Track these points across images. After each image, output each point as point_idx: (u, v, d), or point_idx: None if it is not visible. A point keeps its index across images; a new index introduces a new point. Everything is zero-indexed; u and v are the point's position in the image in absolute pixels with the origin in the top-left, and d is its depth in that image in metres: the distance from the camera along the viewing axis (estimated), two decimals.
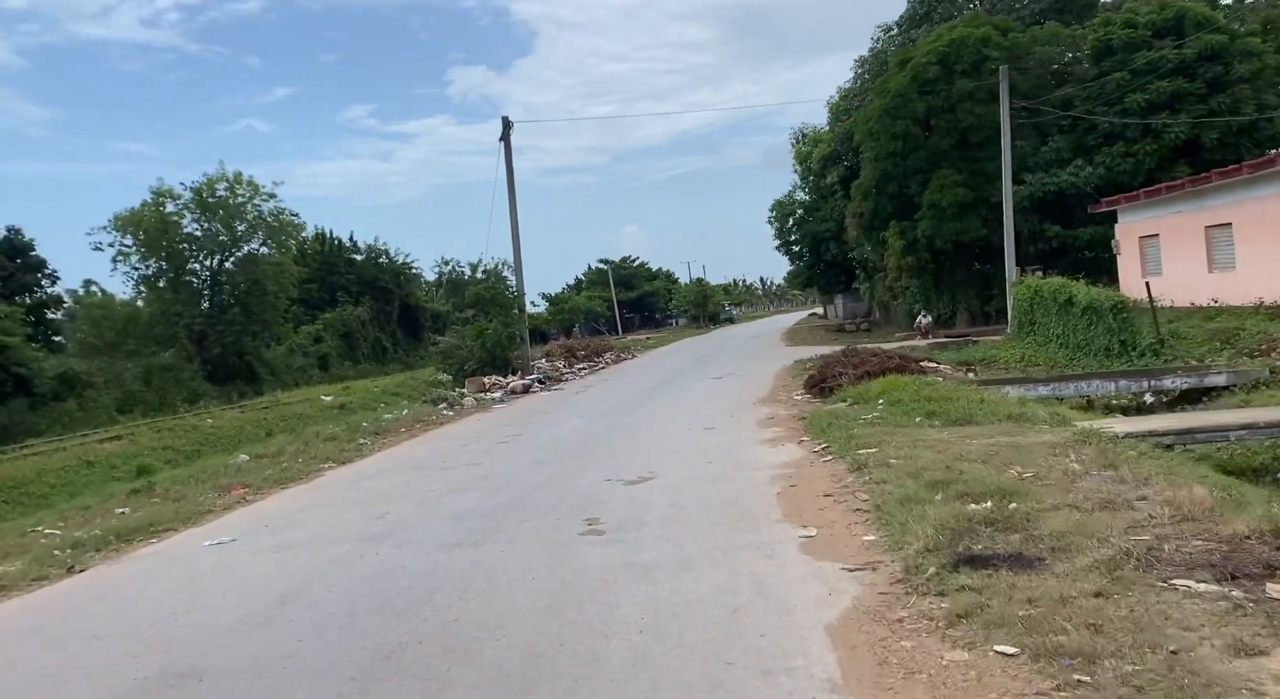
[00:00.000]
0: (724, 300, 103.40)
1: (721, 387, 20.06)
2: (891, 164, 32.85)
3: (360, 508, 9.20)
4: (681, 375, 24.76)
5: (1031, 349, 22.99)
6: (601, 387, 23.78)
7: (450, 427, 16.87)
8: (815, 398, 15.63)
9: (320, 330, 48.55)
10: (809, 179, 54.56)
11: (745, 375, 22.62)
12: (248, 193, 40.79)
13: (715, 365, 27.55)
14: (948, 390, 12.61)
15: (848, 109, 49.13)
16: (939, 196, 31.22)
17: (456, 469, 11.28)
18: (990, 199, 31.23)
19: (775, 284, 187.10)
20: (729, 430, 12.73)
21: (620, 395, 20.00)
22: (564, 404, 19.39)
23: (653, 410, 16.39)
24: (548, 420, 16.21)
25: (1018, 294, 25.28)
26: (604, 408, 17.48)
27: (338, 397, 30.13)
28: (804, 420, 12.89)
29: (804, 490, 8.12)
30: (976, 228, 31.30)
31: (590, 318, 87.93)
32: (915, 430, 10.55)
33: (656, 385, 21.78)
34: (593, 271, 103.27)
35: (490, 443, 13.67)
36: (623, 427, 14.20)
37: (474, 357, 28.40)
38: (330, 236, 55.53)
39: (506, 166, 28.76)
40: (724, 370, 24.68)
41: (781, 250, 58.49)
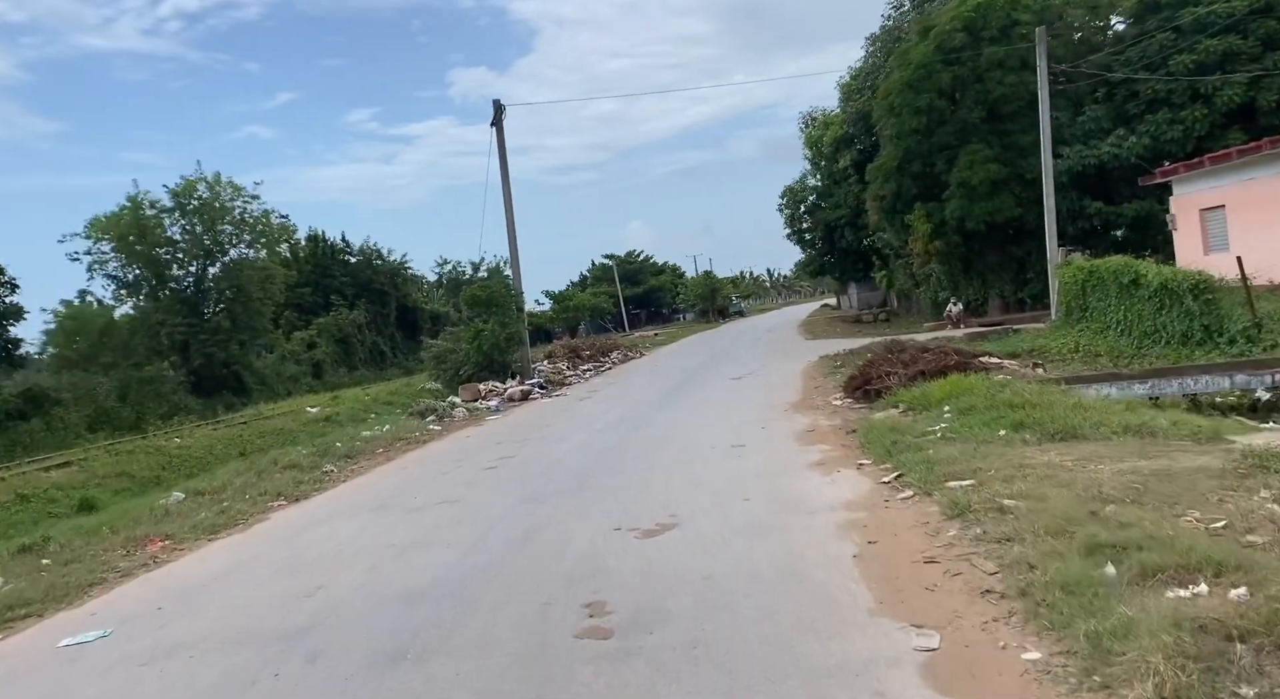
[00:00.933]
0: (732, 293, 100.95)
1: (743, 389, 17.76)
2: (915, 141, 30.41)
3: (290, 577, 6.94)
4: (696, 376, 22.46)
5: (1086, 337, 20.58)
6: (608, 391, 21.51)
7: (434, 446, 14.60)
8: (859, 403, 13.32)
9: (314, 336, 46.42)
10: (820, 164, 52.11)
11: (767, 375, 20.31)
12: (230, 194, 38.58)
13: (731, 363, 25.24)
14: (1031, 394, 10.28)
15: (860, 88, 46.70)
16: (969, 174, 28.79)
17: (427, 510, 9.01)
18: (1025, 175, 28.77)
19: (783, 275, 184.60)
20: (763, 448, 10.43)
21: (629, 402, 17.73)
22: (566, 414, 17.12)
23: (667, 421, 14.10)
24: (546, 436, 13.94)
25: (1064, 277, 22.85)
26: (611, 418, 15.20)
27: (325, 408, 27.94)
28: (855, 433, 10.59)
29: (891, 549, 5.82)
30: (1010, 207, 28.85)
31: (596, 315, 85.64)
32: (1007, 449, 8.24)
33: (669, 389, 19.49)
34: (598, 267, 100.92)
35: (475, 469, 11.40)
36: (633, 444, 11.92)
37: (469, 361, 26.18)
38: (323, 238, 53.41)
39: (499, 154, 26.49)
40: (742, 369, 22.36)
41: (793, 239, 56.05)
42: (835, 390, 15.08)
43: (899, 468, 8.15)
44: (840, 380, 16.45)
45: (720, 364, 25.64)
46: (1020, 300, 31.43)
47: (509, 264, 28.20)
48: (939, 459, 7.96)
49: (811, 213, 53.57)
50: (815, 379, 18.00)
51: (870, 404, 12.99)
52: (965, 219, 29.37)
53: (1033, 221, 29.59)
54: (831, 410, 13.15)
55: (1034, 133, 29.13)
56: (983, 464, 7.48)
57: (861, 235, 50.42)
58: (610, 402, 18.52)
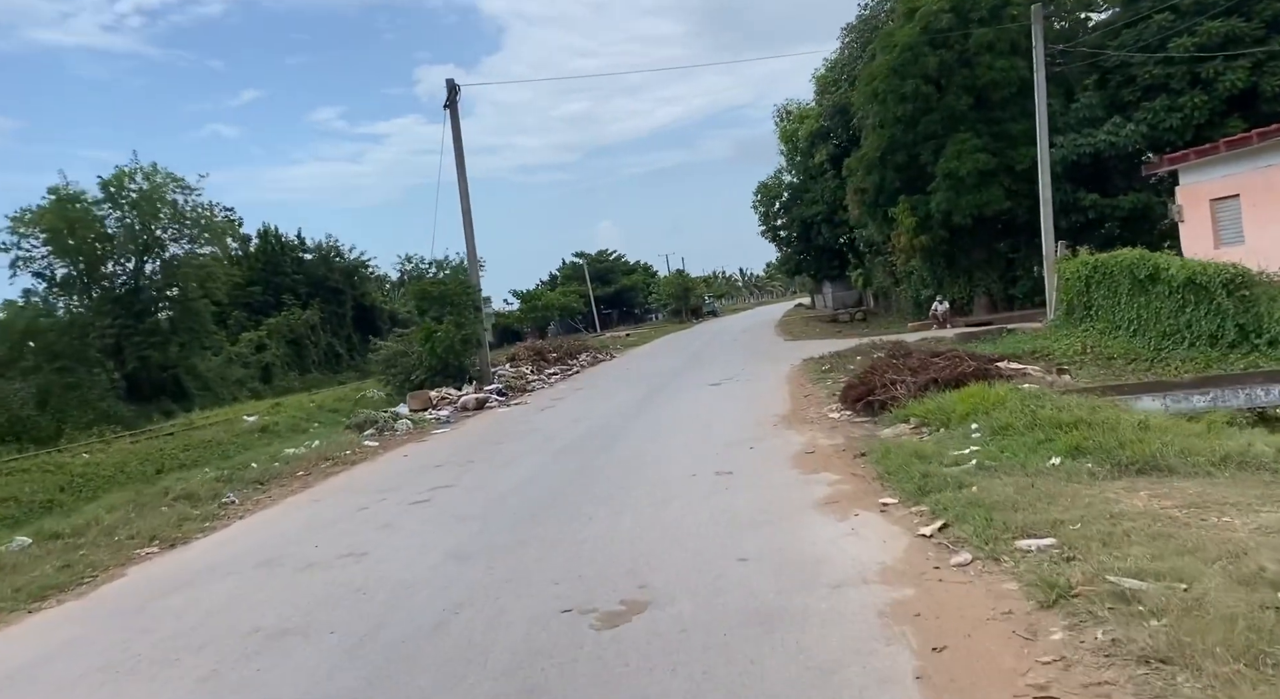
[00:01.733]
0: (706, 292, 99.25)
1: (725, 397, 15.80)
2: (899, 130, 28.71)
3: (94, 689, 4.83)
4: (671, 381, 20.48)
5: (1093, 338, 18.88)
6: (574, 399, 19.45)
7: (363, 469, 12.45)
8: (861, 416, 11.41)
9: (263, 337, 43.80)
10: (795, 159, 50.44)
11: (750, 380, 18.39)
12: (170, 187, 35.94)
13: (709, 367, 23.29)
14: (1080, 410, 8.40)
15: (836, 81, 45.13)
16: (956, 164, 27.13)
17: (323, 568, 6.91)
18: (1015, 166, 27.22)
19: (755, 275, 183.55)
20: (755, 477, 8.46)
21: (596, 413, 15.69)
22: (523, 428, 15.04)
23: (639, 438, 12.10)
24: (495, 458, 11.86)
25: (1066, 272, 21.19)
26: (573, 435, 13.15)
27: (265, 415, 25.58)
28: (865, 457, 8.65)
29: (970, 665, 3.85)
30: (999, 199, 27.23)
31: (566, 315, 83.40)
32: (1078, 486, 6.35)
33: (642, 398, 17.49)
34: (568, 266, 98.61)
35: (401, 504, 9.30)
36: (597, 472, 9.89)
37: (422, 365, 23.99)
38: (275, 234, 50.70)
39: (454, 136, 24.31)
40: (722, 373, 20.42)
41: (767, 237, 54.33)
42: (830, 400, 13.17)
43: (940, 512, 6.21)
44: (832, 387, 14.58)
45: (697, 367, 23.69)
46: (1009, 298, 29.86)
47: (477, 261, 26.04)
48: (992, 501, 6.03)
49: (787, 209, 51.86)
50: (803, 385, 16.09)
51: (874, 418, 11.09)
52: (952, 212, 27.70)
53: (1023, 215, 28.04)
54: (830, 425, 11.22)
55: (1025, 121, 27.57)
56: (1059, 512, 5.56)
57: (839, 232, 48.82)
58: (575, 412, 16.47)
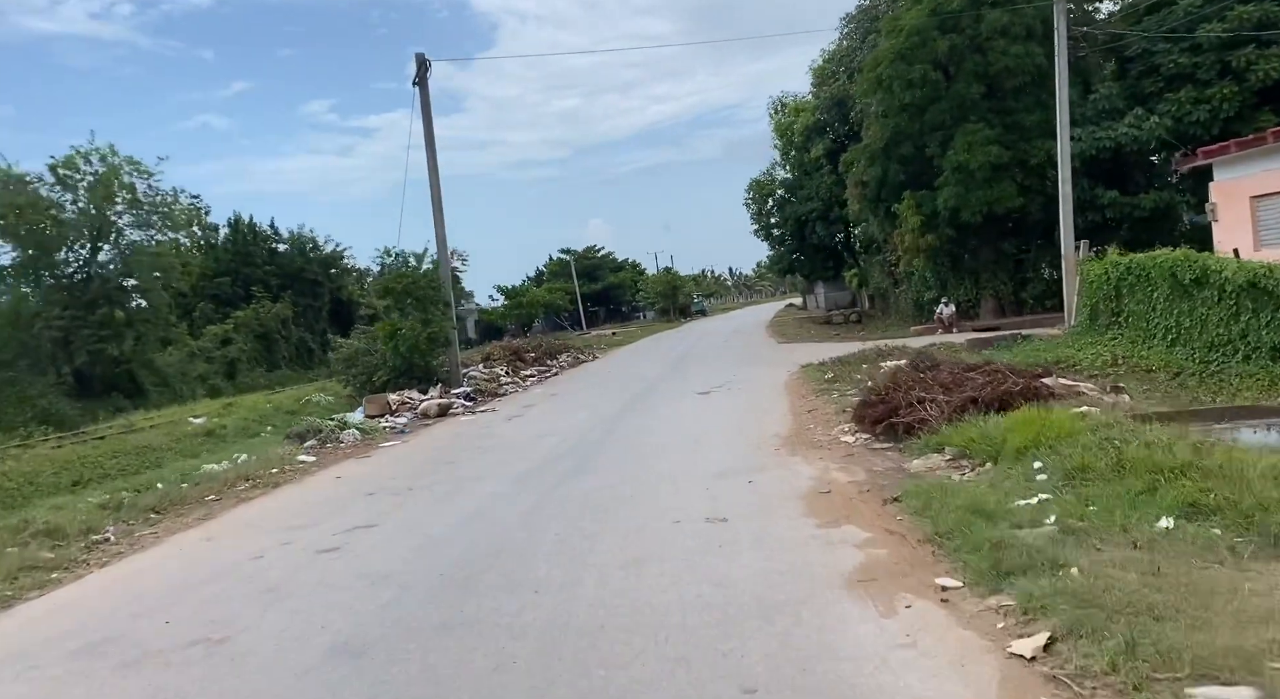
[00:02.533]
0: (695, 291, 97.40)
1: (716, 410, 13.84)
2: (905, 119, 26.84)
3: None
4: (656, 388, 18.51)
5: (1123, 347, 17.05)
6: (547, 407, 17.46)
7: (282, 494, 10.42)
8: (880, 440, 9.48)
9: (230, 331, 41.54)
10: (790, 154, 48.60)
11: (743, 388, 16.44)
12: (127, 170, 33.68)
13: (698, 371, 21.36)
14: (1180, 449, 6.49)
15: (834, 72, 43.35)
16: (966, 157, 25.28)
17: (155, 668, 4.90)
18: (1029, 160, 25.42)
19: (744, 274, 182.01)
20: (759, 528, 6.50)
21: (569, 426, 13.70)
22: (483, 443, 13.03)
23: (614, 462, 10.13)
24: (440, 484, 9.86)
25: (1091, 274, 19.39)
26: (538, 455, 11.16)
27: (214, 417, 23.43)
28: (899, 504, 6.71)
29: None
30: (1011, 196, 25.41)
31: (551, 312, 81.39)
32: (1215, 567, 4.43)
33: (622, 408, 15.50)
34: (554, 262, 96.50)
35: (305, 552, 7.30)
36: (557, 509, 7.92)
37: (385, 365, 21.94)
38: (248, 223, 48.40)
39: (423, 116, 22.27)
40: (711, 380, 18.47)
41: (759, 234, 52.40)
42: (840, 418, 11.23)
43: (1035, 611, 4.26)
44: (840, 401, 12.67)
45: (685, 372, 21.74)
46: (1018, 302, 28.07)
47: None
48: (1113, 598, 4.09)
49: (780, 207, 50.00)
50: (805, 397, 14.16)
51: (898, 444, 9.17)
52: (960, 209, 25.86)
53: (1037, 213, 26.27)
54: (844, 451, 9.28)
55: (1040, 112, 25.79)
56: (1229, 625, 3.64)
57: (834, 230, 47.02)
58: (545, 424, 14.47)
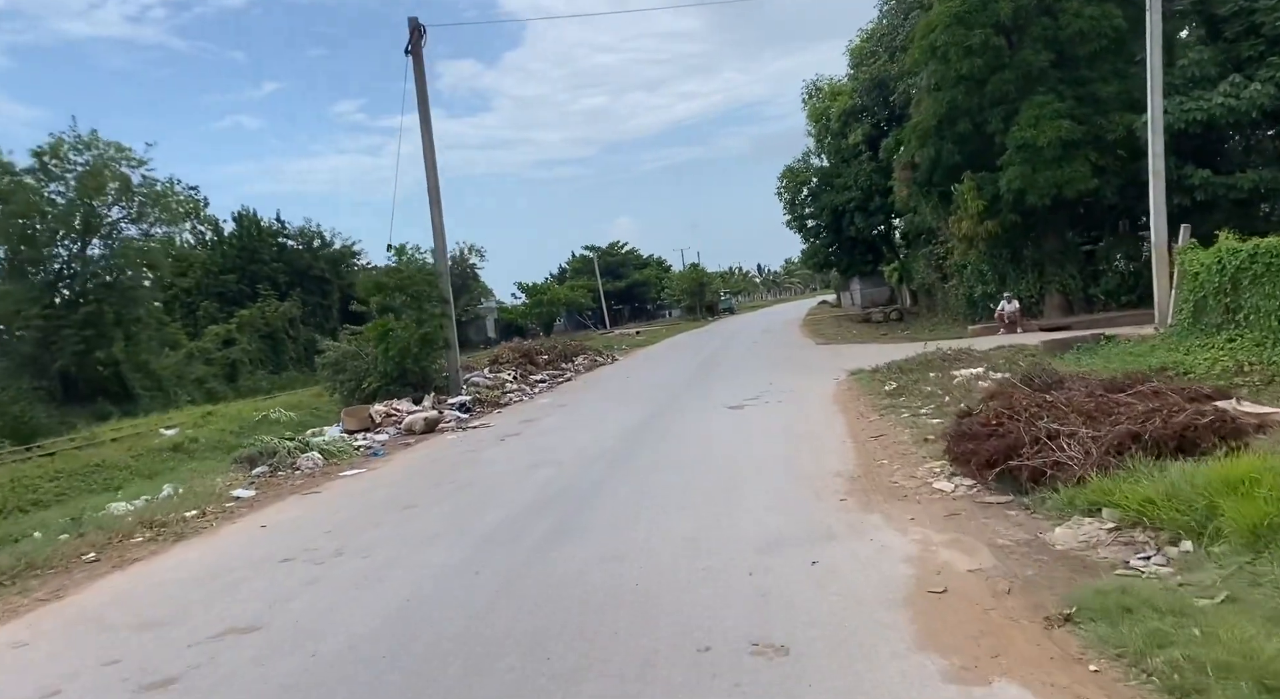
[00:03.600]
0: (722, 288, 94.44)
1: (752, 432, 11.06)
2: (963, 92, 23.81)
3: None
4: (678, 400, 15.78)
5: (1245, 350, 14.06)
6: (550, 422, 14.77)
7: (179, 553, 7.82)
8: (991, 489, 6.68)
9: (232, 331, 39.41)
10: (825, 141, 45.59)
11: (783, 402, 13.63)
12: (115, 157, 31.54)
13: (727, 377, 18.60)
14: None
15: (873, 52, 40.35)
16: (1033, 133, 22.22)
17: None
18: (1105, 136, 22.32)
19: (772, 271, 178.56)
20: (845, 672, 3.78)
21: (567, 452, 11.03)
22: (460, 475, 10.35)
23: (616, 518, 7.41)
24: (382, 547, 7.20)
25: (1193, 264, 16.39)
26: (520, 500, 8.47)
27: (189, 428, 21.11)
28: (1074, 632, 3.94)
29: None
30: (1084, 177, 22.29)
31: (574, 310, 78.93)
32: None
33: (635, 427, 12.76)
34: (577, 259, 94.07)
35: (128, 686, 4.69)
36: (527, 605, 5.25)
37: (375, 371, 19.49)
38: (252, 218, 46.30)
39: (418, 90, 19.71)
40: (744, 390, 15.68)
41: (793, 226, 49.21)
42: (923, 451, 8.42)
43: None
44: (914, 424, 9.90)
45: (712, 379, 18.99)
46: (1088, 298, 24.94)
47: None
48: None
49: (815, 196, 46.89)
50: (864, 415, 11.36)
51: (1022, 496, 6.37)
52: (1026, 192, 22.79)
53: (1111, 196, 23.20)
54: (944, 507, 6.49)
55: (1117, 81, 22.70)
56: None
57: (873, 222, 43.98)
58: (543, 446, 11.80)
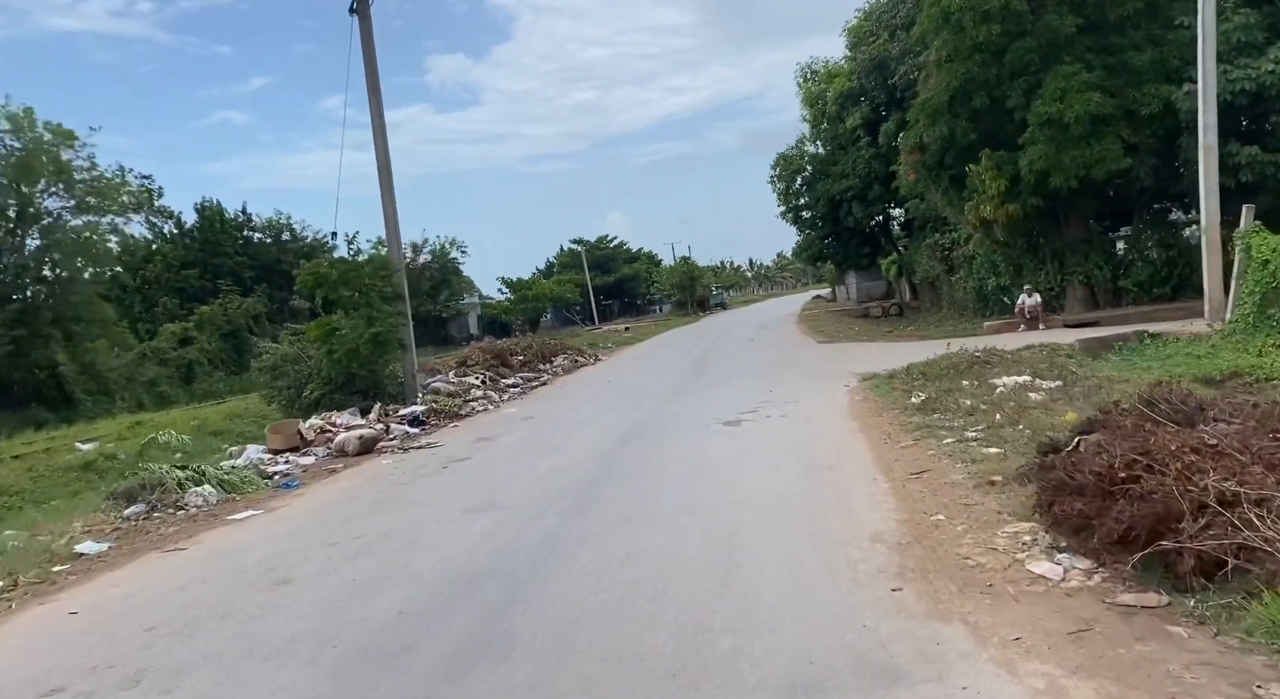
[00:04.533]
0: (713, 283, 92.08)
1: (754, 463, 8.67)
2: (979, 63, 21.47)
3: None
4: (663, 410, 13.42)
5: None
6: (507, 443, 12.35)
7: None
8: (1119, 574, 4.36)
9: (190, 329, 36.84)
10: (821, 126, 43.24)
11: (788, 417, 11.27)
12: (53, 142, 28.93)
13: (720, 383, 16.26)
14: None
15: (873, 31, 38.04)
16: (1058, 107, 19.89)
17: None
18: (1139, 111, 20.03)
19: (764, 265, 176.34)
20: None
21: (518, 490, 8.66)
22: (370, 526, 7.84)
23: (569, 603, 5.07)
24: (223, 659, 4.84)
25: (1261, 250, 14.16)
26: (440, 573, 6.09)
27: (114, 440, 18.65)
28: None
29: None
30: (1115, 156, 19.98)
31: (561, 305, 76.41)
32: None
33: (609, 452, 10.35)
34: (565, 253, 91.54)
35: None
36: None
37: (318, 376, 17.10)
38: (217, 209, 43.64)
39: (365, 55, 17.22)
40: (741, 399, 13.34)
41: (787, 217, 46.84)
42: (990, 500, 6.08)
43: None
44: (960, 451, 7.61)
45: (704, 384, 16.63)
46: (1116, 291, 22.67)
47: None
48: None
49: (810, 185, 44.53)
50: (892, 436, 9.01)
51: (1183, 594, 4.06)
52: (1050, 173, 20.50)
53: (1145, 178, 20.91)
54: (1062, 616, 4.14)
55: (1152, 49, 20.39)
56: None
57: (872, 211, 41.68)
58: (489, 482, 9.39)
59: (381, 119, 17.32)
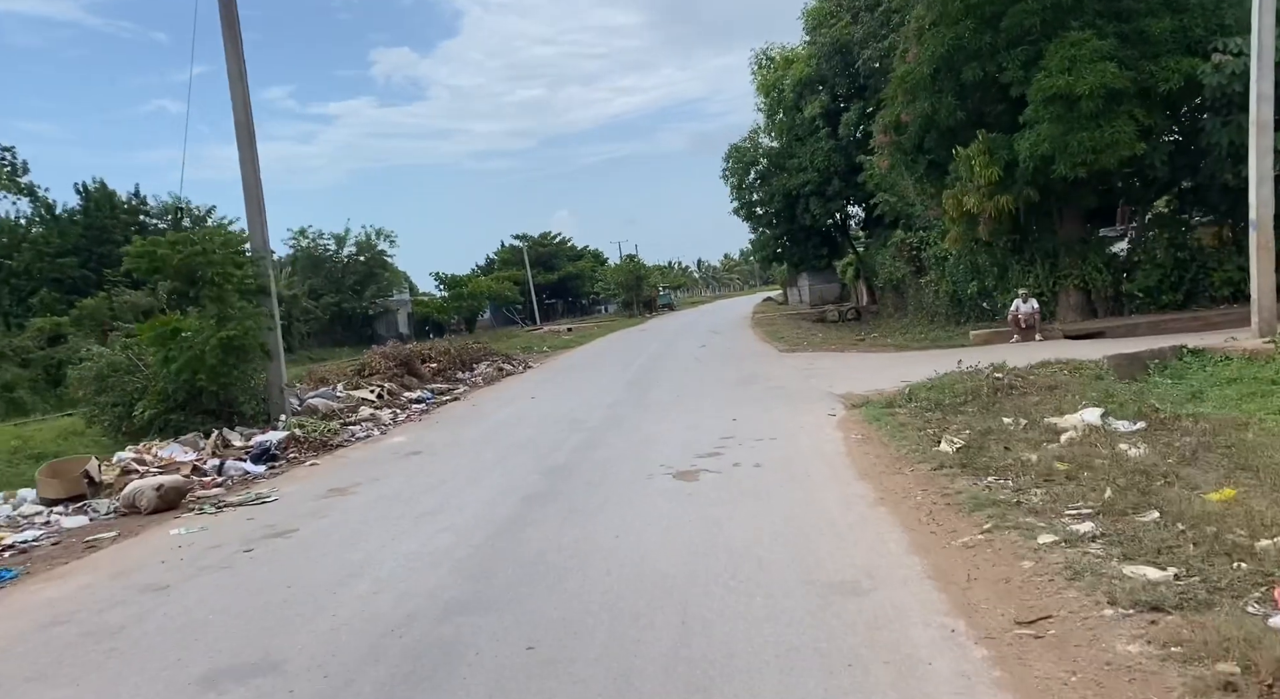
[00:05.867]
0: (661, 283, 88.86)
1: (717, 559, 5.28)
2: (971, 28, 18.48)
3: None
4: (595, 445, 9.96)
5: None
6: (370, 497, 8.69)
7: None
8: None
9: (63, 326, 32.19)
10: (777, 117, 40.25)
11: (760, 465, 7.89)
12: None
13: (669, 406, 12.88)
14: None
15: (834, 13, 35.21)
16: (1067, 81, 16.96)
17: None
18: (1157, 87, 17.23)
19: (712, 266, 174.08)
20: None
21: (351, 598, 5.17)
22: (58, 687, 4.40)
23: None
24: None
25: None
26: None
27: None
28: None
29: None
30: (1129, 140, 17.16)
31: (501, 304, 72.38)
32: None
33: (512, 513, 6.91)
34: (506, 250, 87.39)
35: None
36: None
37: (152, 391, 13.27)
38: (103, 190, 38.80)
39: None
40: (697, 435, 9.95)
41: (741, 214, 43.71)
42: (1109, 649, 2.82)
43: None
44: (1107, 583, 4.20)
45: (648, 408, 13.21)
46: (1117, 297, 19.91)
47: (261, 204, 15.09)
48: None
49: (765, 179, 41.46)
50: (944, 519, 5.70)
51: None
52: (1054, 159, 17.60)
53: (1159, 168, 18.18)
54: None
55: (1170, 17, 17.60)
56: None
57: (831, 207, 38.78)
58: (299, 595, 5.84)
59: (240, 63, 13.51)
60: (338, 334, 52.61)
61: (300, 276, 52.77)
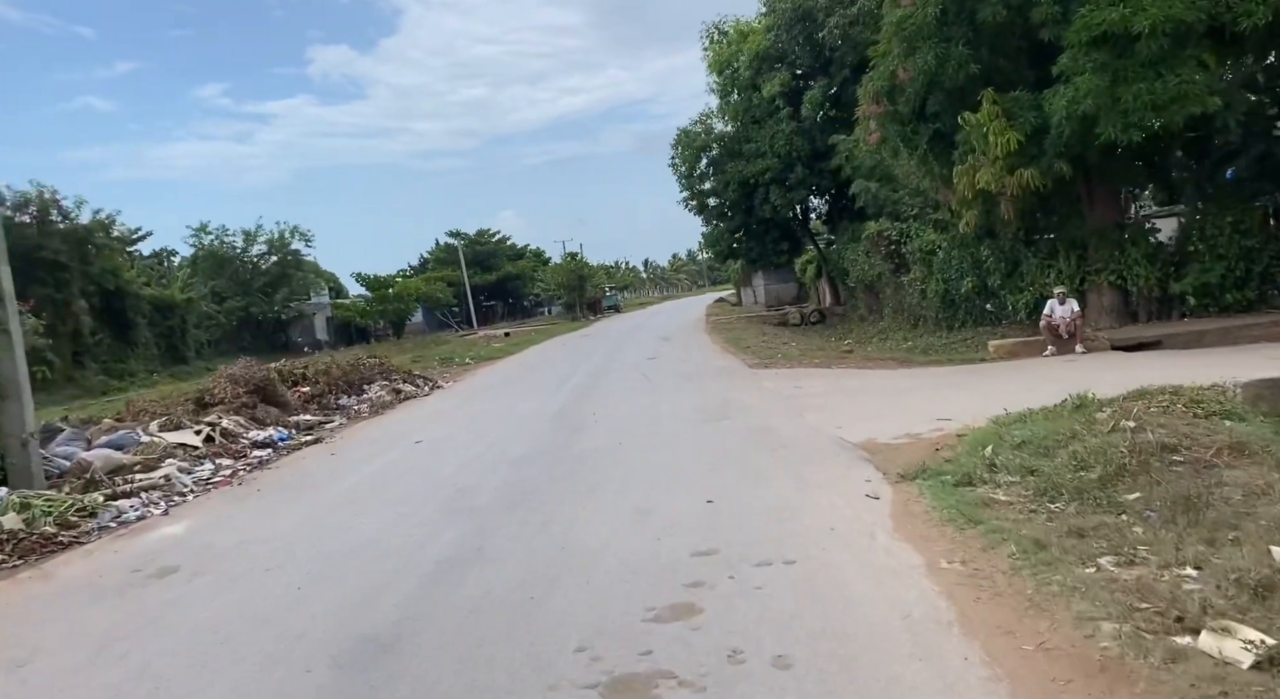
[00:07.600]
0: (606, 284, 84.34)
1: None
2: None
3: None
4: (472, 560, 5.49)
5: None
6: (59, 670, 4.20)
7: None
8: None
9: None
10: (731, 96, 36.09)
11: (791, 661, 3.60)
12: None
13: (608, 468, 8.42)
14: None
15: None
16: (1120, 14, 13.01)
17: None
18: (1238, 24, 13.30)
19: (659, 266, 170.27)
20: None
21: None
22: None
23: None
24: None
25: None
26: None
27: None
28: None
29: None
30: (1199, 93, 13.22)
31: (434, 306, 67.11)
32: None
33: None
34: (441, 248, 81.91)
35: None
36: None
37: None
38: None
39: None
40: (655, 528, 5.58)
41: (691, 206, 39.40)
42: None
43: None
44: None
45: (575, 462, 8.75)
46: (1165, 298, 16.06)
47: None
48: None
49: (718, 166, 37.14)
50: None
51: None
52: (1098, 118, 13.62)
53: (1234, 129, 14.36)
54: None
55: None
56: None
57: (793, 197, 34.60)
58: None
59: None
60: (245, 341, 47.09)
61: (202, 278, 47.14)
